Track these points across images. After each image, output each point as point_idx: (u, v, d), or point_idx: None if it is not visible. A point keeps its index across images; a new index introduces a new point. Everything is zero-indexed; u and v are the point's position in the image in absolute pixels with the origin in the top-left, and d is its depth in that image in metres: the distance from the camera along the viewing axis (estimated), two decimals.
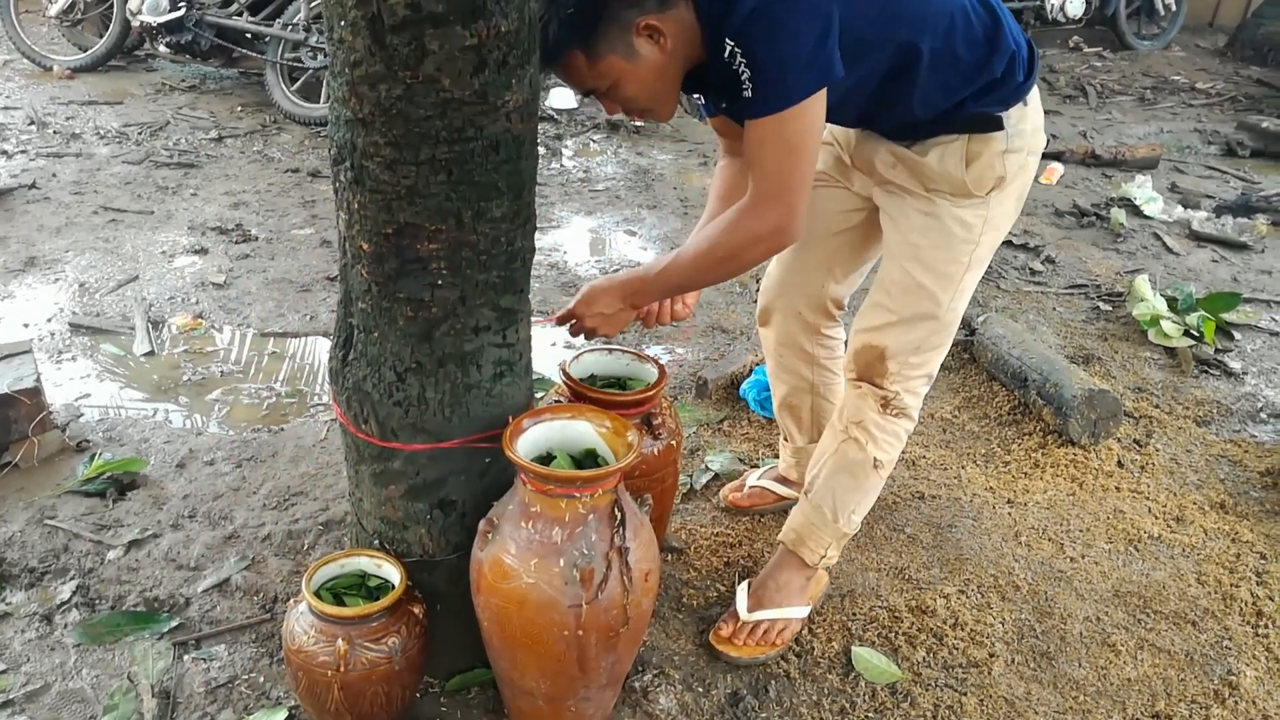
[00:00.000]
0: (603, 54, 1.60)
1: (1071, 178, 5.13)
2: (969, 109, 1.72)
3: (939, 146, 1.76)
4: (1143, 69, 7.48)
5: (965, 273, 1.85)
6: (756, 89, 1.55)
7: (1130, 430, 2.87)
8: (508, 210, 1.54)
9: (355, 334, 1.64)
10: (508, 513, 1.61)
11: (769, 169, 1.61)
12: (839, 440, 1.97)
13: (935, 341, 1.90)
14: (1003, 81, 1.72)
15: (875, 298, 1.91)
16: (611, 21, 1.57)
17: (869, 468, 1.95)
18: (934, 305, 1.85)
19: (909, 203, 1.83)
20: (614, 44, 1.59)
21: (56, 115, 5.24)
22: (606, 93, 1.67)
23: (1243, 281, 4.00)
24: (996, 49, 1.70)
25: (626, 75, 1.62)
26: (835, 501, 1.98)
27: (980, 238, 1.82)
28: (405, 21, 1.33)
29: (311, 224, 4.10)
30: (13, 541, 2.20)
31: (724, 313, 3.51)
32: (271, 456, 2.57)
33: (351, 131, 1.45)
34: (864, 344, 1.92)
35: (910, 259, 1.84)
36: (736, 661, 1.99)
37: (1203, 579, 2.31)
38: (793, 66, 1.53)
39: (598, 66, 1.61)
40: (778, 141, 1.59)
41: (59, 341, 3.11)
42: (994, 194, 1.79)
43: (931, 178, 1.78)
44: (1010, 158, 1.77)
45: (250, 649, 1.97)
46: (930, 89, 1.69)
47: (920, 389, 1.95)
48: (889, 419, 1.93)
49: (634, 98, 1.68)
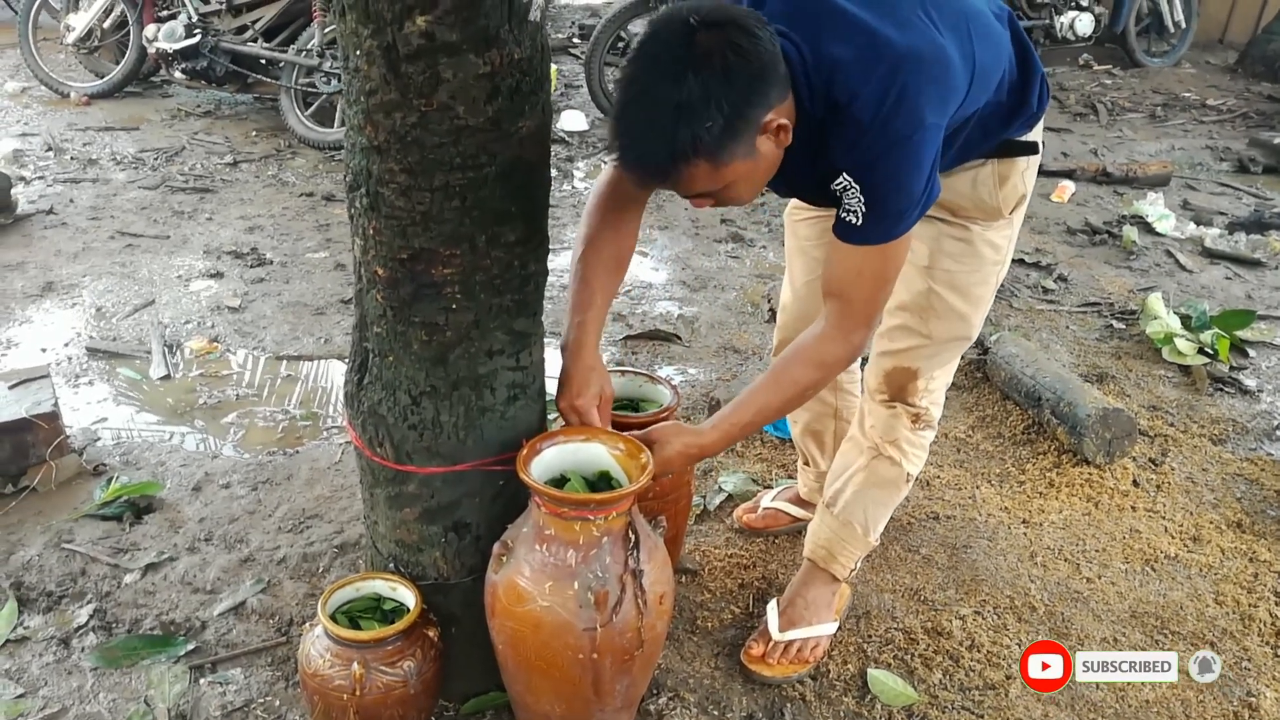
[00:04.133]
0: (728, 160, 1.43)
1: (1083, 195, 5.12)
2: (1002, 138, 1.72)
3: (968, 172, 1.74)
4: (1153, 86, 7.47)
5: (992, 292, 1.88)
6: (868, 221, 1.50)
7: (1145, 449, 2.86)
8: (521, 235, 1.55)
9: (370, 358, 1.65)
10: (522, 535, 1.62)
11: (862, 297, 1.59)
12: (869, 457, 1.98)
13: (958, 354, 1.96)
14: (1036, 112, 1.71)
15: (901, 319, 1.89)
16: (747, 128, 1.42)
17: (901, 482, 2.00)
18: (967, 328, 1.88)
19: (940, 228, 1.82)
20: (741, 149, 1.43)
21: (74, 141, 5.30)
22: (716, 195, 1.51)
23: (1257, 299, 3.98)
24: (1030, 79, 1.68)
25: (745, 176, 1.48)
26: (867, 516, 2.01)
27: (1006, 257, 1.85)
28: (420, 50, 1.35)
29: (326, 247, 4.13)
30: (31, 565, 2.22)
31: (736, 333, 3.52)
32: (286, 479, 2.58)
33: (367, 158, 1.46)
34: (895, 366, 1.92)
35: (943, 284, 1.84)
36: (770, 681, 1.99)
37: (1220, 599, 2.30)
38: (911, 204, 1.51)
39: (720, 172, 1.44)
40: (877, 272, 1.57)
41: (76, 366, 3.13)
42: (1016, 211, 1.81)
43: (962, 205, 1.78)
44: (1029, 173, 1.78)
45: (266, 672, 1.97)
46: (974, 137, 1.67)
47: (942, 397, 1.99)
48: (919, 433, 1.97)
49: (739, 196, 1.53)
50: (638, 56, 1.43)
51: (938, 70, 1.47)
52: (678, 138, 1.37)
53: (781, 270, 4.04)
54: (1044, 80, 1.73)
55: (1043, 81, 1.73)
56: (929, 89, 1.46)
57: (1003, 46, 1.63)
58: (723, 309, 3.71)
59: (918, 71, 1.45)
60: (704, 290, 3.86)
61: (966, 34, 1.54)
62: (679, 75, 1.36)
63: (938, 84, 1.47)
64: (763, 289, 3.82)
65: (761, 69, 1.40)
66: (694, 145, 1.38)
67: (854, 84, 1.45)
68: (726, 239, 4.39)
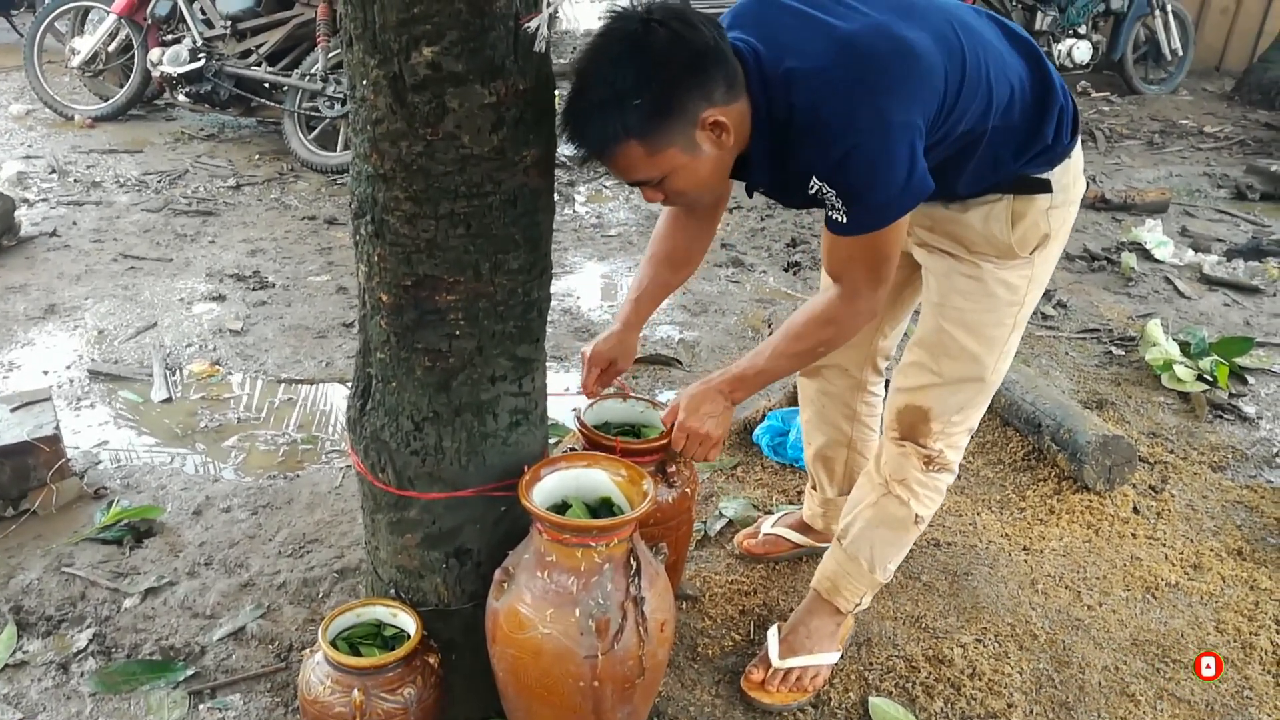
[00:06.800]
0: (662, 147, 1.48)
1: (1082, 222, 5.14)
2: (1016, 172, 1.70)
3: (982, 207, 1.73)
4: (1150, 113, 7.52)
5: (1010, 334, 1.83)
6: (850, 216, 1.54)
7: (1145, 476, 2.86)
8: (525, 262, 1.56)
9: (373, 383, 1.65)
10: (523, 562, 1.62)
11: (861, 276, 1.64)
12: (879, 494, 1.95)
13: (979, 401, 1.89)
14: (1052, 145, 1.69)
15: (917, 356, 1.89)
16: (679, 113, 1.46)
17: (909, 523, 1.95)
18: (979, 369, 1.83)
19: (952, 265, 1.81)
20: (675, 137, 1.48)
21: (77, 164, 5.33)
22: (657, 185, 1.56)
23: (1255, 325, 3.99)
24: (1048, 110, 1.67)
25: (683, 169, 1.52)
26: (873, 554, 1.98)
27: (1025, 298, 1.80)
28: (426, 81, 1.36)
29: (328, 271, 4.15)
30: (30, 589, 2.21)
31: (736, 357, 3.52)
32: (287, 503, 2.58)
33: (373, 186, 1.48)
34: (906, 404, 1.90)
35: (953, 322, 1.81)
36: (769, 708, 1.98)
37: (1221, 627, 2.29)
38: (891, 197, 1.52)
39: (654, 159, 1.50)
40: (868, 256, 1.61)
41: (78, 389, 3.14)
42: (1038, 252, 1.77)
43: (975, 241, 1.76)
44: (1055, 214, 1.74)
45: (265, 698, 1.96)
46: (984, 164, 1.66)
47: (961, 443, 1.94)
48: (931, 475, 1.92)
49: (684, 192, 1.58)
50: (589, 48, 1.48)
51: (901, 70, 1.49)
52: (608, 115, 1.44)
53: (781, 296, 4.06)
54: (1067, 117, 1.70)
55: (1064, 117, 1.70)
56: (895, 89, 1.48)
57: (1008, 64, 1.63)
58: (723, 333, 3.71)
59: (882, 71, 1.48)
60: (704, 315, 3.87)
61: (955, 39, 1.56)
62: (620, 61, 1.43)
63: (904, 83, 1.49)
64: (763, 314, 3.83)
65: (698, 58, 1.45)
66: (623, 123, 1.45)
67: (813, 88, 1.49)
68: (727, 264, 4.41)
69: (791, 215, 5.04)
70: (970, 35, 1.59)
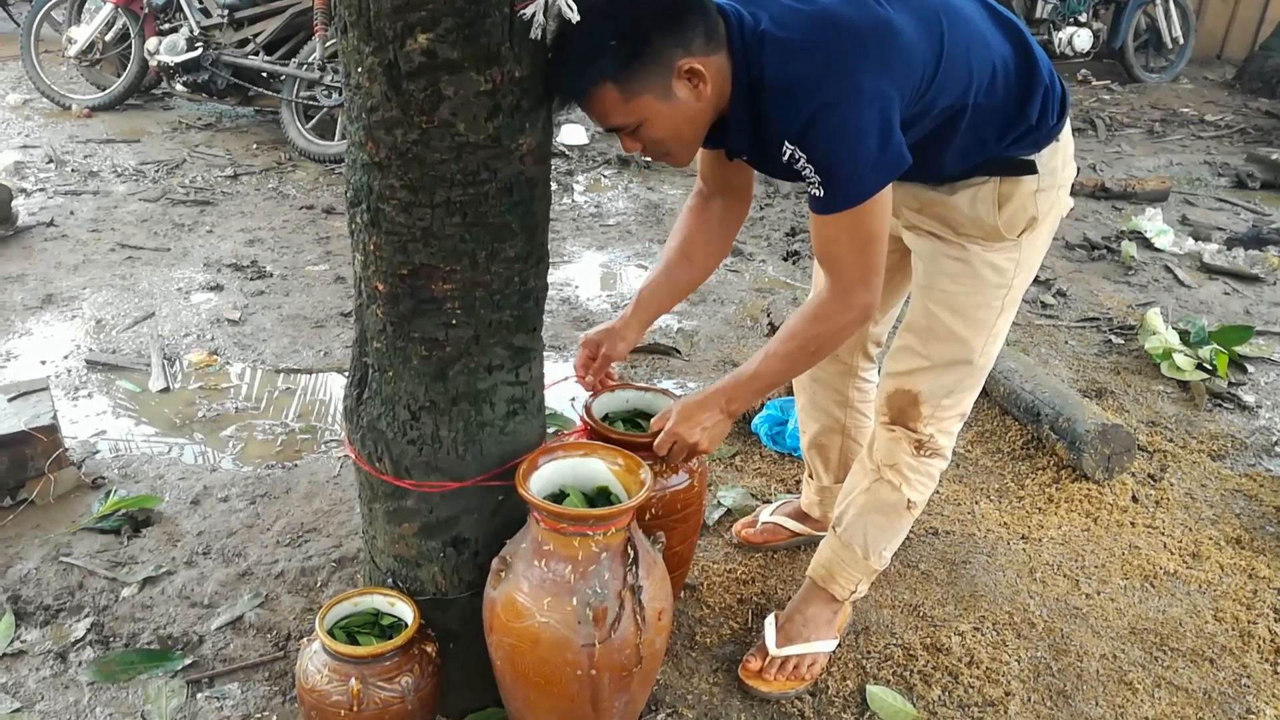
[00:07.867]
0: (638, 91, 1.50)
1: (1081, 211, 5.13)
2: (1001, 154, 1.70)
3: (969, 189, 1.74)
4: (1151, 101, 7.50)
5: (998, 316, 1.83)
6: (828, 189, 1.53)
7: (1144, 465, 2.86)
8: (521, 250, 1.56)
9: (370, 373, 1.65)
10: (520, 551, 1.62)
11: (848, 263, 1.62)
12: (871, 479, 1.96)
13: (968, 384, 1.89)
14: (1037, 126, 1.69)
15: (906, 340, 1.89)
16: (654, 58, 1.48)
17: (902, 508, 1.95)
18: (967, 351, 1.84)
19: (938, 247, 1.81)
20: (651, 82, 1.50)
21: (75, 153, 5.31)
22: (632, 131, 1.57)
23: (1255, 314, 3.99)
24: (1031, 92, 1.67)
25: (658, 116, 1.54)
26: (867, 540, 1.98)
27: (1013, 280, 1.80)
28: (421, 68, 1.35)
29: (325, 260, 4.14)
30: (28, 579, 2.21)
31: (735, 347, 3.52)
32: (285, 493, 2.58)
33: (368, 175, 1.47)
34: (896, 388, 1.90)
35: (941, 305, 1.82)
36: (767, 696, 1.98)
37: (1220, 615, 2.30)
38: (864, 166, 1.51)
39: (630, 104, 1.52)
40: (853, 236, 1.59)
41: (75, 378, 3.13)
42: (1026, 235, 1.77)
43: (961, 222, 1.76)
44: (1042, 196, 1.74)
45: (263, 687, 1.97)
46: (967, 143, 1.67)
47: (954, 428, 1.94)
48: (922, 460, 1.92)
49: (660, 140, 1.59)
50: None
51: (876, 42, 1.51)
52: (585, 58, 1.47)
53: (780, 285, 4.06)
54: (1053, 98, 1.71)
55: (1050, 99, 1.70)
56: (868, 56, 1.49)
57: (991, 45, 1.64)
58: (722, 323, 3.71)
59: (853, 41, 1.50)
60: (703, 304, 3.87)
61: (936, 18, 1.58)
62: (599, 7, 1.45)
63: (878, 53, 1.50)
64: (762, 303, 3.83)
65: (676, 6, 1.49)
66: (599, 67, 1.47)
67: (786, 50, 1.51)
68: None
69: (790, 204, 5.03)
70: (951, 14, 1.61)
